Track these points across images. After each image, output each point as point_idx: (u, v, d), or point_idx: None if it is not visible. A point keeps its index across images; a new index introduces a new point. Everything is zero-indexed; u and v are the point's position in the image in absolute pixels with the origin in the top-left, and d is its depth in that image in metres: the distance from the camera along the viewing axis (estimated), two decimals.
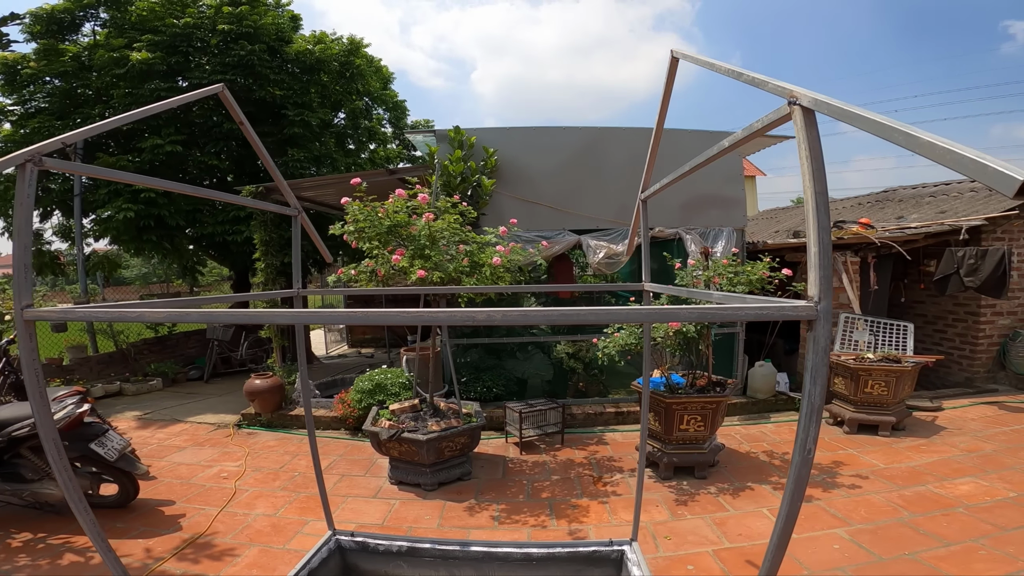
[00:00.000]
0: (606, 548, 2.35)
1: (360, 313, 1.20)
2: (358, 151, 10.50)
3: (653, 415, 4.41)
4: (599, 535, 3.31)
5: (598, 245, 6.23)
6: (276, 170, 2.47)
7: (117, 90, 7.51)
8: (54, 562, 3.07)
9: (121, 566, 1.52)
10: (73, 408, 3.82)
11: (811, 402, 0.87)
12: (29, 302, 1.52)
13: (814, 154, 0.82)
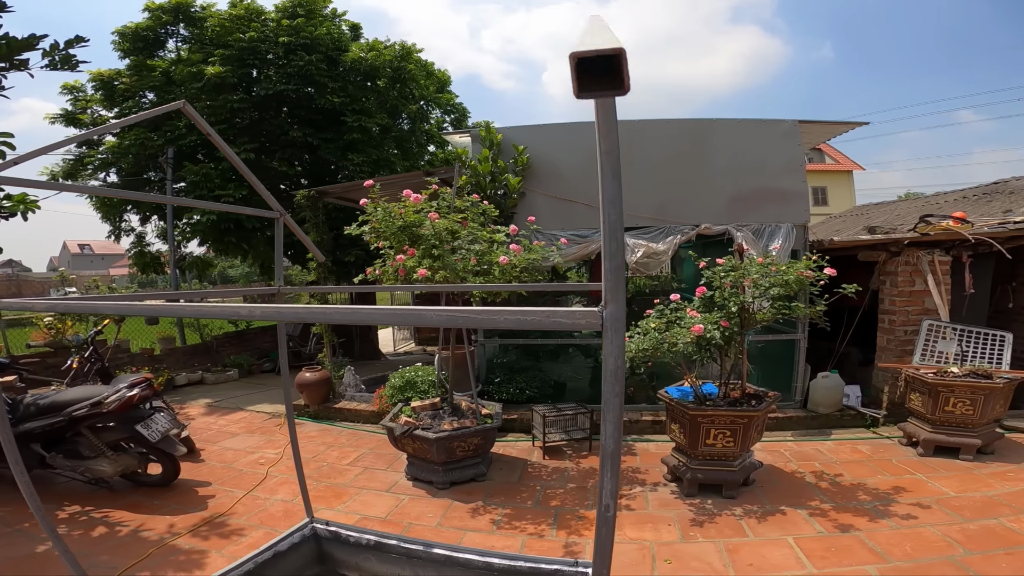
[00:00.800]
0: (570, 568, 2.21)
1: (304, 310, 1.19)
2: (419, 154, 10.83)
3: (679, 427, 4.15)
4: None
5: (636, 244, 5.96)
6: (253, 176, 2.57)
7: (199, 103, 8.28)
8: (86, 533, 3.42)
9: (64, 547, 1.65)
10: (124, 392, 4.24)
11: (605, 445, 0.74)
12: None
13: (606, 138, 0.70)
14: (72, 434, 4.15)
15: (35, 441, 4.14)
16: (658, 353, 4.01)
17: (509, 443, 5.17)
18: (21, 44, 3.87)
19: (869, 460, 4.55)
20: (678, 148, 6.04)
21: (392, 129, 9.52)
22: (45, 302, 1.76)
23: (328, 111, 8.51)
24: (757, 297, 4.15)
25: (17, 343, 8.77)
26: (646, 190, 5.99)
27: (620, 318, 0.69)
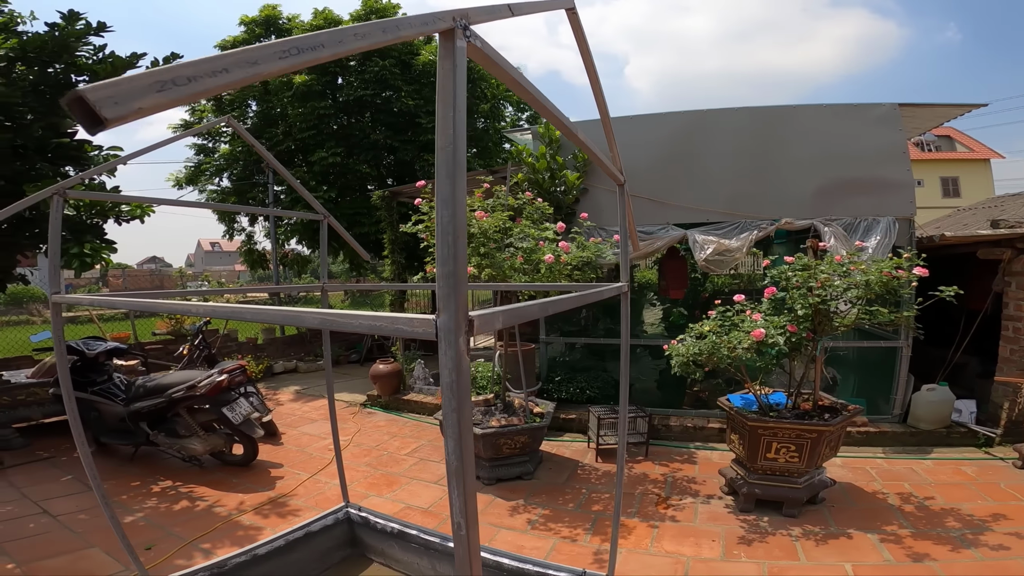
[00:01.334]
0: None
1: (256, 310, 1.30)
2: (496, 153, 10.99)
3: (738, 437, 3.88)
4: (624, 562, 3.03)
5: (706, 240, 5.62)
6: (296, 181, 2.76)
7: (292, 110, 9.01)
8: (169, 507, 3.86)
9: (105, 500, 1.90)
10: (215, 377, 4.73)
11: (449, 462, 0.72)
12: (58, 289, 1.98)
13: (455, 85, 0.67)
14: (172, 414, 4.70)
15: (143, 419, 4.73)
16: (714, 359, 3.76)
17: (564, 443, 5.11)
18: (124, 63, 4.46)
19: (972, 483, 3.96)
20: (753, 137, 5.60)
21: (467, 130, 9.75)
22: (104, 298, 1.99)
23: (404, 113, 8.90)
24: (831, 299, 3.76)
25: (144, 331, 10.04)
26: (717, 183, 5.64)
27: (452, 328, 0.66)
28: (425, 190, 4.18)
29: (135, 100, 0.40)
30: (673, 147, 5.71)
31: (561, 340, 6.47)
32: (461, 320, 0.66)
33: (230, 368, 4.89)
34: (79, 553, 3.11)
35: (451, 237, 0.65)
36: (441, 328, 0.66)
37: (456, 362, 0.66)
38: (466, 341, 0.68)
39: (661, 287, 7.28)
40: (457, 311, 0.65)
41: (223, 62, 0.45)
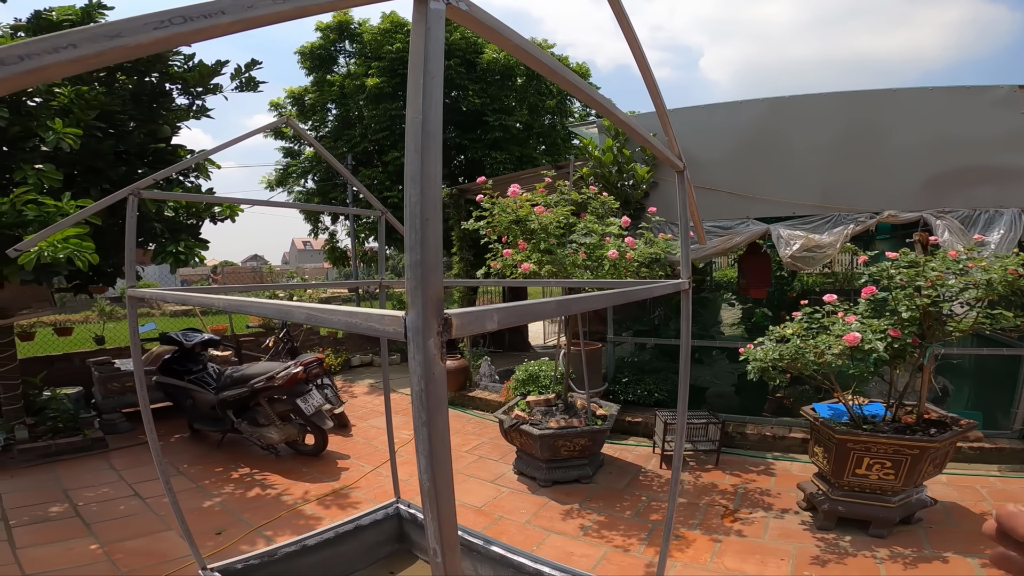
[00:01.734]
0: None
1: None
2: (565, 149, 10.83)
3: (822, 450, 3.50)
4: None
5: (792, 236, 5.14)
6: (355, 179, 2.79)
7: (368, 112, 9.34)
8: (244, 493, 4.07)
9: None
10: (291, 368, 4.96)
11: (424, 482, 0.63)
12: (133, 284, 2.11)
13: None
14: (254, 403, 4.98)
15: (229, 407, 5.05)
16: (797, 365, 3.41)
17: (628, 447, 4.89)
18: (209, 71, 4.77)
19: None
20: (848, 124, 5.06)
21: (535, 126, 9.66)
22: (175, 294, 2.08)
23: (472, 112, 8.95)
24: (944, 301, 3.29)
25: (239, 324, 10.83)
26: (806, 174, 5.16)
27: (420, 329, 0.55)
28: (486, 186, 4.12)
29: None
30: (755, 136, 5.29)
31: (630, 340, 6.21)
32: (431, 318, 0.55)
33: (307, 360, 5.10)
34: (157, 535, 3.34)
35: (418, 220, 0.55)
36: (409, 327, 0.56)
37: (425, 368, 0.56)
38: (439, 344, 0.57)
39: (740, 285, 6.81)
40: (426, 308, 0.55)
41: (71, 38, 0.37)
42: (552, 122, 10.23)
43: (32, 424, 5.20)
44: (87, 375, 6.53)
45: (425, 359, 0.56)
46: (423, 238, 0.54)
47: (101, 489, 4.12)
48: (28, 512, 3.67)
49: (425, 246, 0.54)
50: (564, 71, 0.86)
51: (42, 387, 5.93)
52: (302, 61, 9.86)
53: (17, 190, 3.32)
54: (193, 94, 5.15)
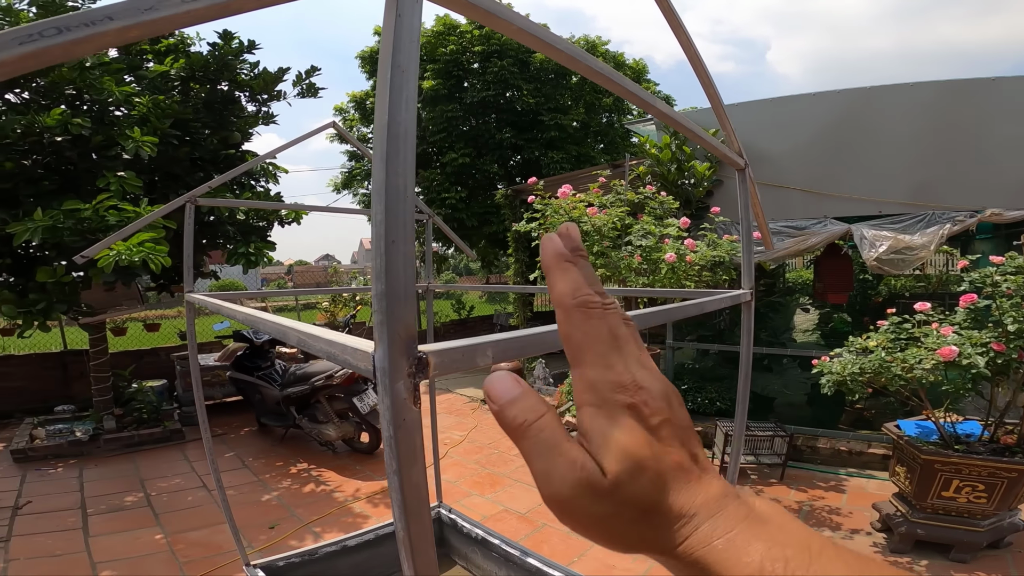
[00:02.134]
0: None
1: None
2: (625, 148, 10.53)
3: (905, 470, 3.17)
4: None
5: (878, 236, 4.69)
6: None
7: (426, 114, 9.48)
8: (299, 488, 4.18)
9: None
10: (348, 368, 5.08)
11: (399, 531, 0.54)
12: (191, 289, 2.17)
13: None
14: (314, 401, 5.14)
15: (292, 404, 5.24)
16: (881, 379, 3.09)
17: None
18: (272, 77, 4.96)
19: None
20: (942, 116, 4.56)
21: (592, 124, 9.45)
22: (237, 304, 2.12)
23: (527, 112, 8.87)
24: None
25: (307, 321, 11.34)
26: (892, 169, 4.70)
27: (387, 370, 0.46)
28: (537, 187, 4.02)
29: None
30: (833, 131, 4.87)
31: (692, 345, 5.91)
32: (399, 357, 0.46)
33: None
34: (216, 527, 3.48)
35: (383, 243, 0.45)
36: (376, 367, 0.47)
37: (393, 413, 0.47)
38: (410, 386, 0.47)
39: (817, 290, 6.32)
40: (392, 346, 0.46)
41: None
42: (610, 120, 9.98)
43: (120, 415, 5.62)
44: (171, 369, 7.03)
45: (393, 403, 0.46)
46: (388, 264, 0.45)
47: (174, 480, 4.37)
48: (106, 501, 3.94)
49: (392, 274, 0.45)
50: (586, 57, 0.74)
51: (130, 380, 6.40)
52: (362, 65, 10.14)
53: (100, 196, 3.57)
54: (259, 101, 5.39)
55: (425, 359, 0.49)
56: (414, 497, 0.51)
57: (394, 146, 0.47)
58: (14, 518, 3.64)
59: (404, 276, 0.47)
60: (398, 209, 0.46)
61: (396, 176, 0.46)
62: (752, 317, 1.52)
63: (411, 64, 0.49)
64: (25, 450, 4.86)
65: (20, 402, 6.67)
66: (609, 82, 0.81)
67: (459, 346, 0.52)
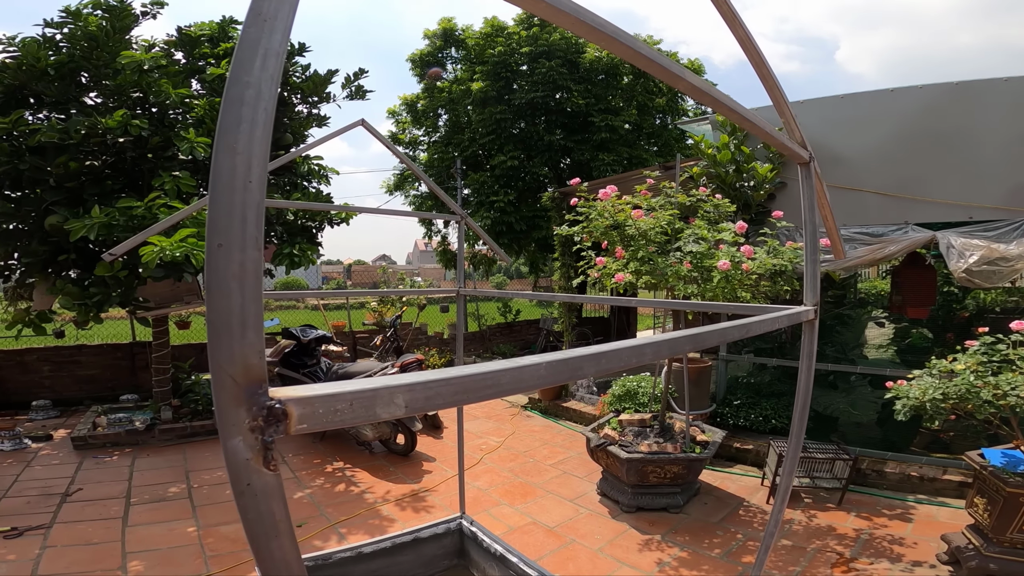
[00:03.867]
0: None
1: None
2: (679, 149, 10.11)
3: (985, 501, 2.80)
4: None
5: (968, 245, 4.19)
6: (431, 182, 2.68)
7: (475, 116, 9.45)
8: (332, 487, 4.17)
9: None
10: (389, 367, 5.07)
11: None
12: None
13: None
14: None
15: None
16: (968, 406, 2.72)
17: (732, 476, 4.31)
18: (322, 79, 5.02)
19: None
20: None
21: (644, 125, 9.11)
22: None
23: (577, 114, 8.66)
24: None
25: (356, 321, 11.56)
26: (987, 171, 4.21)
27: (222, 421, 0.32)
28: (581, 188, 3.83)
29: None
30: (916, 129, 4.40)
31: (747, 358, 5.52)
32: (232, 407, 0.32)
33: (407, 361, 5.19)
34: None
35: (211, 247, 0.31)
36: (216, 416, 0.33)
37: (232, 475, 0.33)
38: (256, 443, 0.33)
39: (894, 303, 5.75)
40: (221, 392, 0.32)
41: None
42: (663, 122, 9.60)
43: (177, 406, 5.85)
44: None
45: (230, 464, 0.32)
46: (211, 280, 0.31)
47: (216, 472, 4.47)
48: (150, 491, 4.06)
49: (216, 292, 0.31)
50: (627, 38, 0.58)
51: (190, 372, 6.68)
52: (413, 68, 10.25)
53: (152, 195, 3.69)
54: (310, 103, 5.49)
55: (280, 410, 0.35)
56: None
57: (235, 115, 0.32)
58: (62, 505, 3.79)
59: (241, 295, 0.32)
60: (234, 200, 0.32)
61: (234, 155, 0.32)
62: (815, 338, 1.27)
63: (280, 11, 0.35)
64: (86, 437, 5.11)
65: (92, 390, 7.09)
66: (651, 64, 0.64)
67: (347, 391, 0.37)
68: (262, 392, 0.33)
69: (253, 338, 0.32)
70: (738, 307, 1.53)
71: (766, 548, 1.33)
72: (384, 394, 0.39)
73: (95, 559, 3.09)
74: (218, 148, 0.31)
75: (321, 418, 0.35)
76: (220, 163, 0.31)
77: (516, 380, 0.50)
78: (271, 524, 0.36)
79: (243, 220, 0.31)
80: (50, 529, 3.43)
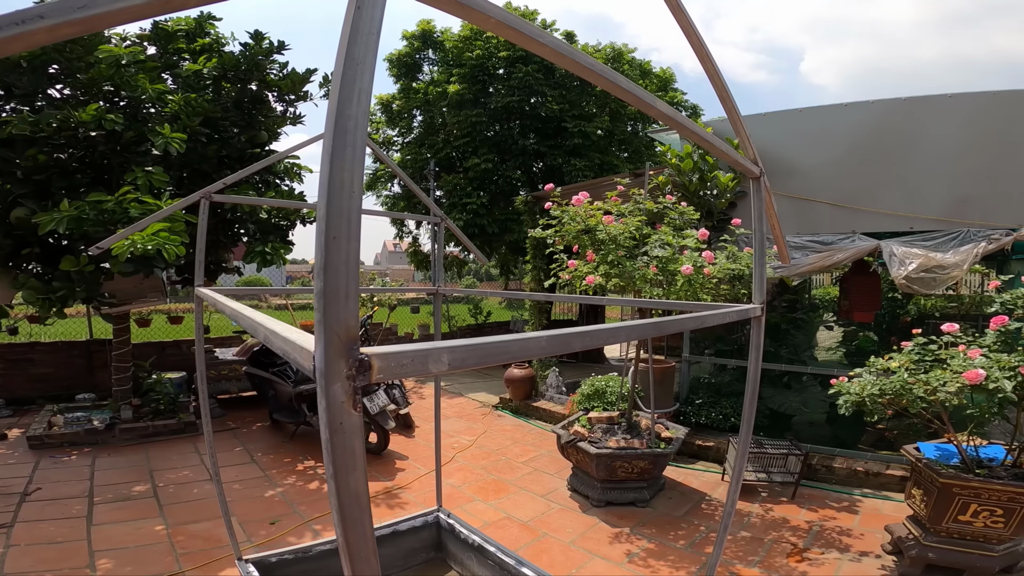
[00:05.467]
0: None
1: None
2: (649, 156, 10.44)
3: (921, 493, 3.06)
4: None
5: (908, 254, 4.53)
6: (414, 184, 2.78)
7: (450, 118, 9.54)
8: (304, 486, 4.19)
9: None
10: None
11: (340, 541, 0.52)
12: (201, 283, 2.18)
13: None
14: None
15: (304, 401, 5.27)
16: (902, 401, 2.97)
17: (695, 472, 4.54)
18: (300, 78, 5.04)
19: None
20: (984, 130, 4.39)
21: (616, 132, 9.39)
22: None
23: (551, 119, 8.87)
24: None
25: None
26: (928, 185, 4.55)
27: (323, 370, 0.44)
28: (555, 193, 3.98)
29: None
30: (867, 143, 4.72)
31: (708, 359, 5.79)
32: (336, 359, 0.43)
33: None
34: (218, 520, 3.48)
35: (324, 239, 0.43)
36: (316, 367, 0.45)
37: (330, 415, 0.44)
38: (349, 389, 0.45)
39: (843, 307, 6.13)
40: (329, 347, 0.43)
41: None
42: (635, 129, 9.91)
43: (137, 405, 5.71)
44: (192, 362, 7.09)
45: (329, 406, 0.44)
46: (327, 262, 0.43)
47: (183, 471, 4.42)
48: (113, 490, 4.00)
49: (330, 271, 0.43)
50: (576, 53, 0.72)
51: (150, 371, 6.52)
52: (390, 68, 10.27)
53: (123, 189, 3.66)
54: (287, 101, 5.48)
55: (367, 362, 0.47)
56: (353, 505, 0.48)
57: (341, 140, 0.44)
58: (21, 504, 3.70)
59: (346, 275, 0.44)
60: (342, 205, 0.44)
61: (342, 171, 0.44)
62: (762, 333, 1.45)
63: (368, 57, 0.47)
64: (42, 436, 4.97)
65: (44, 389, 6.83)
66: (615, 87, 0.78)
67: (408, 350, 0.50)
68: (356, 348, 0.45)
69: (352, 307, 0.44)
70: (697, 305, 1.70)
71: (724, 527, 1.49)
72: (435, 354, 0.52)
73: (62, 557, 3.05)
74: (331, 165, 0.43)
75: (394, 369, 0.48)
76: (333, 176, 0.43)
77: (523, 349, 0.63)
78: (352, 458, 0.47)
79: (349, 219, 0.43)
80: (11, 528, 3.36)
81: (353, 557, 0.48)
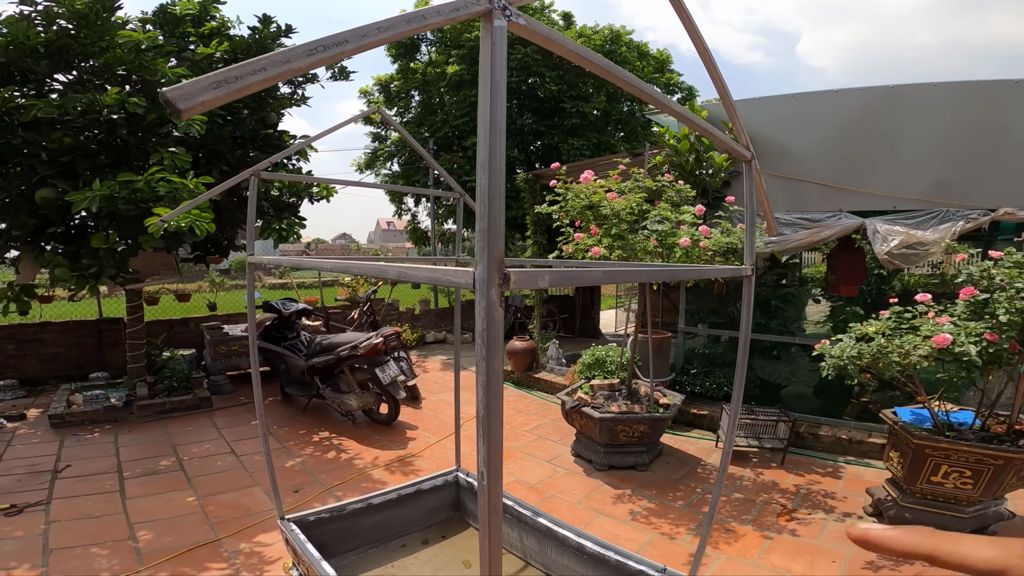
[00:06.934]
0: (655, 573, 2.07)
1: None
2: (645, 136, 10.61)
3: (898, 455, 3.36)
4: (722, 567, 2.83)
5: (890, 231, 4.81)
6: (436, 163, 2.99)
7: (449, 98, 9.64)
8: (322, 455, 4.45)
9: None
10: (373, 339, 5.33)
11: (480, 409, 0.76)
12: (252, 252, 2.39)
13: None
14: (338, 371, 5.42)
15: (317, 374, 5.51)
16: (879, 364, 3.26)
17: (690, 439, 4.86)
18: None
19: None
20: (966, 117, 4.65)
21: (613, 112, 9.54)
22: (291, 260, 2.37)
23: (549, 99, 9.00)
24: None
25: (328, 298, 11.65)
26: (912, 168, 4.82)
27: (485, 280, 0.68)
28: (560, 171, 4.20)
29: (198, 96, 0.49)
30: (855, 128, 4.97)
31: (703, 331, 6.09)
32: (493, 272, 0.68)
33: (387, 333, 5.45)
34: (245, 491, 3.75)
35: (487, 197, 0.68)
36: (477, 279, 0.69)
37: (487, 311, 0.69)
38: (499, 293, 0.70)
39: (829, 282, 6.44)
40: (490, 264, 0.68)
41: (262, 63, 0.53)
42: (631, 109, 10.06)
43: (151, 383, 5.90)
44: (200, 339, 7.28)
45: (488, 304, 0.68)
46: (490, 211, 0.67)
47: (204, 445, 4.66)
48: (140, 465, 4.20)
49: (491, 217, 0.67)
50: (620, 72, 0.95)
51: (162, 348, 6.72)
52: (388, 49, 10.29)
53: (152, 169, 3.83)
54: (295, 83, 5.62)
55: (508, 275, 0.71)
56: (494, 380, 0.73)
57: (494, 136, 0.69)
58: (54, 481, 3.87)
59: (499, 220, 0.69)
60: (495, 177, 0.68)
61: (495, 156, 0.69)
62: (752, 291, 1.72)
63: (502, 78, 0.71)
64: (63, 415, 5.13)
65: (56, 368, 6.99)
66: (644, 94, 1.01)
67: (529, 271, 0.75)
68: (503, 265, 0.69)
69: (501, 240, 0.68)
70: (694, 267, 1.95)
71: (720, 483, 1.75)
72: (542, 274, 0.77)
73: (102, 531, 3.18)
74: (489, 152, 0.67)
75: (521, 282, 0.73)
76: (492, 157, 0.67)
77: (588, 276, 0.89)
78: (498, 344, 0.72)
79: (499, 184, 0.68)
80: (49, 505, 3.49)
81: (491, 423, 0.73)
